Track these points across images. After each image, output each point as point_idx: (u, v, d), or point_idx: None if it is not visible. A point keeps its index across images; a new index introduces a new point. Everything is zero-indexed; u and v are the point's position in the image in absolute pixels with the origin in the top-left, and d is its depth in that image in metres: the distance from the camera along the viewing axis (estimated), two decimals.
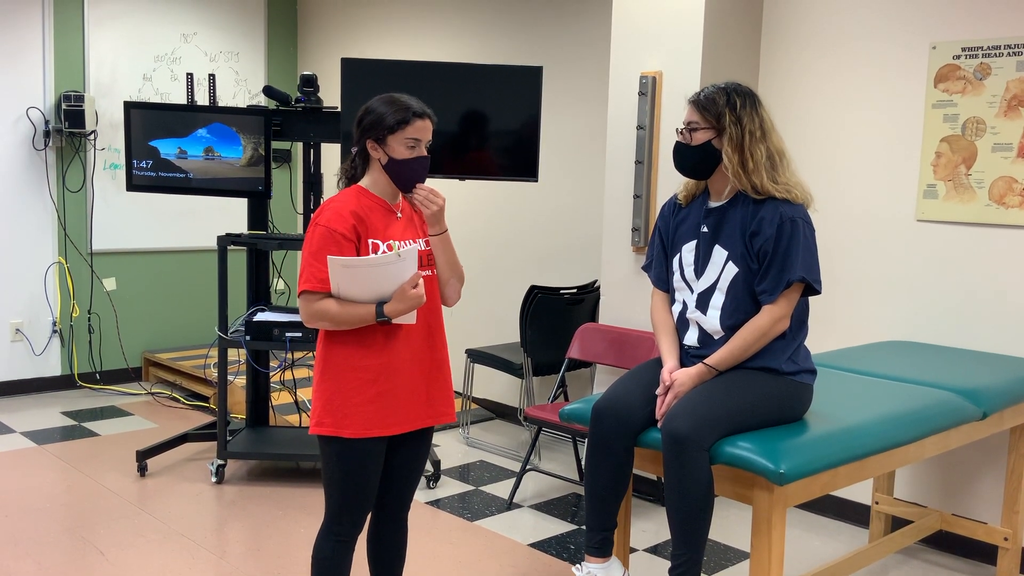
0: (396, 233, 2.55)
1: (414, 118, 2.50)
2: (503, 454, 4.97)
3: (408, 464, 2.67)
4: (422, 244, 2.59)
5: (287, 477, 4.52)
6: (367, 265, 2.39)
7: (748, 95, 2.61)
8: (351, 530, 2.58)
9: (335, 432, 2.50)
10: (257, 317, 4.31)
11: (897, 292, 3.91)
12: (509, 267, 5.61)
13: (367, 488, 2.56)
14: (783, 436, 2.47)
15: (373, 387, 2.49)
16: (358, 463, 2.52)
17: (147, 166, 4.47)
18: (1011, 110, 3.57)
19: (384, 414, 2.51)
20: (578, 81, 5.18)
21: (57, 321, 6.00)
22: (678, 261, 2.72)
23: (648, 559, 3.70)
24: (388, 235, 2.53)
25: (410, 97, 2.55)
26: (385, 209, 2.56)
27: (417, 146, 2.52)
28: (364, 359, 2.49)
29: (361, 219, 2.49)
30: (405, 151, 2.50)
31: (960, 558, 3.78)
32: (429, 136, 2.55)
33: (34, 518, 3.91)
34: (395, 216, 2.57)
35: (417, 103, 2.54)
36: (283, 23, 6.94)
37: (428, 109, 2.56)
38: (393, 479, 2.67)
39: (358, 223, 2.48)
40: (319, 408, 2.53)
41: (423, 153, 2.54)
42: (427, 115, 2.54)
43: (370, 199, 2.54)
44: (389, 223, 2.55)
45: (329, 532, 2.58)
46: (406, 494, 2.71)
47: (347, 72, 4.22)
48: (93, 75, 6.03)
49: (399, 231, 2.56)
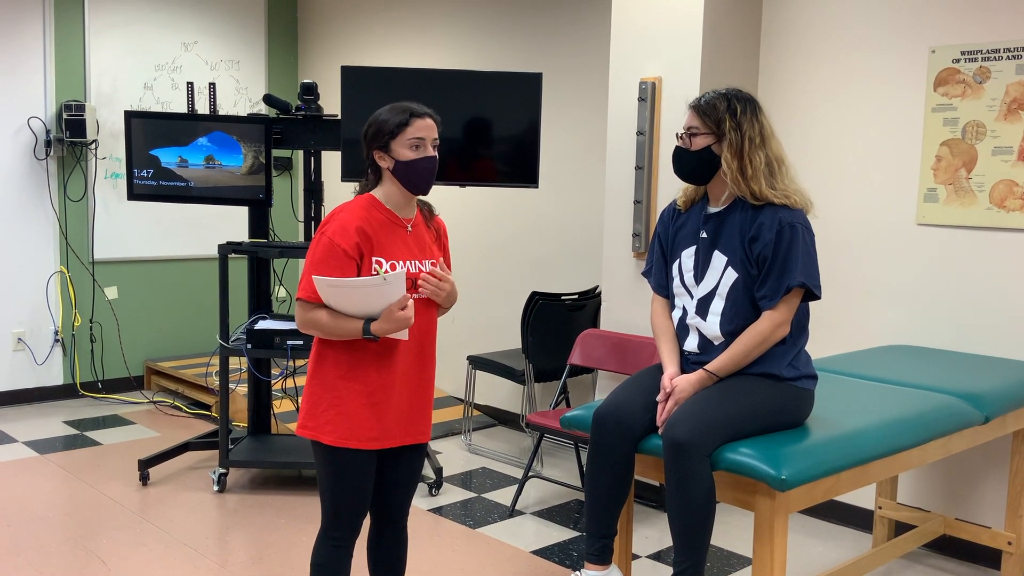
0: (403, 250, 2.52)
1: (413, 118, 2.49)
2: (505, 461, 4.97)
3: (402, 477, 2.66)
4: (428, 265, 2.56)
5: (289, 485, 4.52)
6: (351, 286, 2.38)
7: (749, 101, 2.61)
8: (347, 534, 2.57)
9: (315, 436, 2.50)
10: (258, 325, 4.32)
11: (898, 296, 3.90)
12: (510, 273, 5.61)
13: (358, 494, 2.54)
14: (784, 442, 2.46)
15: (359, 399, 2.49)
16: (344, 469, 2.52)
17: (148, 175, 4.48)
18: (1011, 113, 3.57)
19: (366, 427, 2.50)
20: (578, 87, 5.18)
21: (59, 330, 6.00)
22: (678, 267, 2.72)
23: (651, 565, 3.69)
24: (394, 252, 2.50)
25: (411, 102, 2.53)
26: (394, 224, 2.52)
27: (422, 145, 2.49)
28: (354, 370, 2.49)
29: (367, 236, 2.46)
30: (410, 152, 2.48)
31: (964, 563, 3.77)
32: (434, 135, 2.53)
33: (36, 527, 3.91)
34: (405, 231, 2.54)
35: (417, 105, 2.52)
36: (283, 31, 6.95)
37: (429, 109, 2.53)
38: (388, 489, 2.66)
39: (363, 240, 2.45)
40: (304, 410, 2.54)
41: (429, 153, 2.51)
42: (427, 114, 2.52)
43: (381, 212, 2.51)
44: (397, 239, 2.52)
45: (326, 536, 2.58)
46: (404, 503, 2.71)
47: (347, 80, 4.23)
48: (94, 84, 6.04)
49: (407, 248, 2.53)
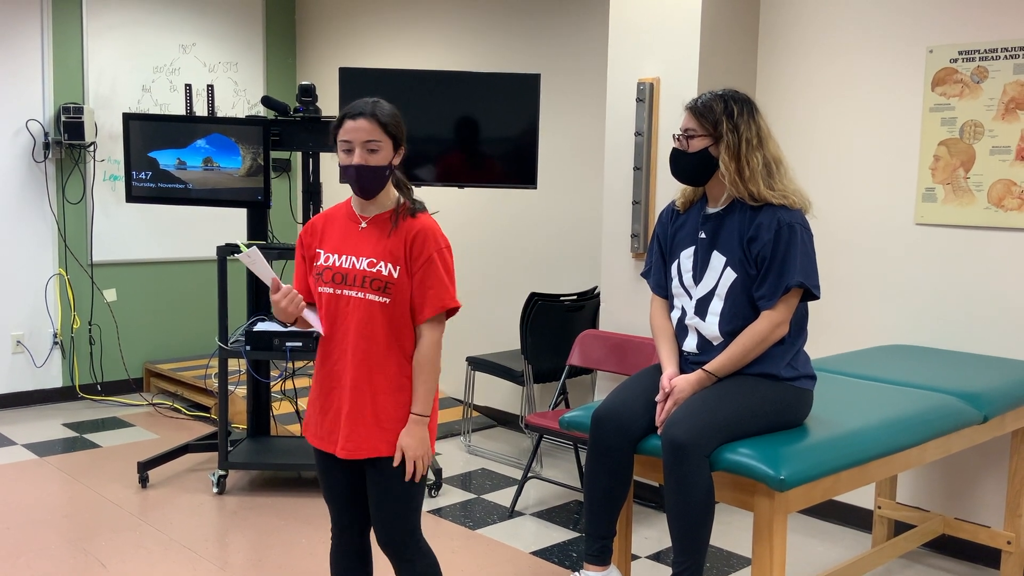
0: (342, 244, 2.40)
1: (345, 120, 2.30)
2: (505, 462, 4.97)
3: (371, 492, 2.43)
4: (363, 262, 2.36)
5: (288, 487, 4.52)
6: (241, 260, 2.32)
7: (745, 102, 2.61)
8: (334, 531, 2.58)
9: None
10: (257, 327, 4.32)
11: (896, 296, 3.90)
12: (509, 274, 5.61)
13: (326, 491, 2.53)
14: (783, 442, 2.46)
15: (312, 392, 2.52)
16: (315, 460, 2.54)
17: (146, 177, 4.48)
18: (1009, 113, 3.57)
19: (312, 422, 2.50)
20: (576, 88, 5.19)
21: (58, 333, 6.00)
22: (676, 267, 2.72)
23: (650, 566, 3.69)
24: (341, 246, 2.39)
25: (369, 99, 2.33)
26: (348, 218, 2.43)
27: (351, 150, 2.29)
28: (318, 362, 2.48)
29: (318, 230, 2.46)
30: (343, 155, 2.32)
31: (963, 562, 3.77)
32: (367, 136, 2.28)
33: (35, 530, 3.91)
34: (357, 227, 2.41)
35: (362, 103, 2.30)
36: (281, 33, 6.95)
37: (374, 108, 2.30)
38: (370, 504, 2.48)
39: (313, 232, 2.46)
40: None
41: (355, 160, 2.28)
42: (363, 115, 2.28)
43: (344, 206, 2.47)
44: (346, 233, 2.41)
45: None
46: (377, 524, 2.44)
47: (345, 81, 4.23)
48: (92, 87, 6.04)
49: (347, 243, 2.40)
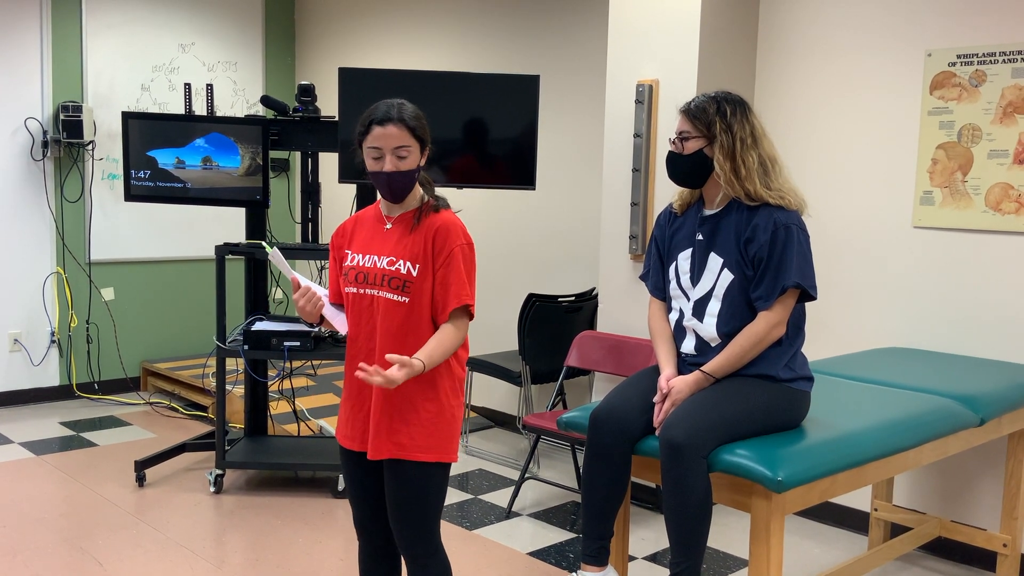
0: (369, 244, 2.42)
1: (373, 126, 2.30)
2: (502, 462, 4.97)
3: (388, 494, 2.43)
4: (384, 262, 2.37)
5: (286, 487, 4.52)
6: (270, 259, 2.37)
7: (738, 103, 2.62)
8: (361, 539, 2.57)
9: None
10: (255, 326, 4.32)
11: (894, 298, 3.91)
12: (507, 275, 5.61)
13: (352, 493, 2.53)
14: (781, 443, 2.47)
15: (344, 392, 2.52)
16: (342, 462, 2.55)
17: (145, 176, 4.48)
18: (1007, 117, 3.58)
19: (343, 421, 2.51)
20: (575, 89, 5.19)
21: (55, 331, 5.99)
22: (674, 269, 2.73)
23: (647, 567, 3.69)
24: (368, 247, 2.42)
25: (393, 101, 2.33)
26: (376, 219, 2.46)
27: (381, 156, 2.30)
28: (348, 363, 2.49)
29: (349, 232, 2.50)
30: (371, 162, 2.33)
31: (959, 564, 3.78)
32: (397, 143, 2.29)
33: (32, 528, 3.91)
34: (383, 227, 2.43)
35: (387, 106, 2.30)
36: (281, 33, 6.95)
37: (401, 112, 2.30)
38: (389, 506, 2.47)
39: (344, 234, 2.50)
40: None
41: (387, 167, 2.30)
42: (392, 120, 2.28)
43: (373, 208, 2.50)
44: (374, 234, 2.44)
45: None
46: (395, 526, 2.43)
47: (344, 81, 4.23)
48: (91, 85, 6.04)
49: (374, 243, 2.42)
